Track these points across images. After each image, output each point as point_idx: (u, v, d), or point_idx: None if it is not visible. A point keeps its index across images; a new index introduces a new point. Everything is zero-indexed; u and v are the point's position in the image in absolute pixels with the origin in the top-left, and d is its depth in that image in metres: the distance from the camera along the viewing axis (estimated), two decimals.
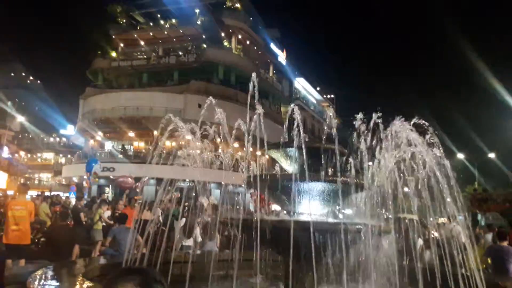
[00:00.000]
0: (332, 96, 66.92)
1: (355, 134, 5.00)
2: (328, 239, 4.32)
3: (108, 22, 40.75)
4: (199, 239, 8.93)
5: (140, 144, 36.88)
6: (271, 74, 46.31)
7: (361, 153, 4.95)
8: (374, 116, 4.89)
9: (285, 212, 5.99)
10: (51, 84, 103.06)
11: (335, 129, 5.33)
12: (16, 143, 53.19)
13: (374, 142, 5.08)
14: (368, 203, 5.00)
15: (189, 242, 8.99)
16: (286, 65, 48.11)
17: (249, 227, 4.44)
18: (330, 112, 58.54)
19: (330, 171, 4.98)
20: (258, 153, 5.98)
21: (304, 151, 4.64)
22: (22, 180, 44.12)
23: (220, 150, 6.89)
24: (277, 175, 5.30)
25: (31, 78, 79.15)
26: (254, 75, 5.88)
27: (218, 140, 6.37)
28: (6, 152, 43.88)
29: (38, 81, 78.59)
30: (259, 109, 5.27)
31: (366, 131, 4.93)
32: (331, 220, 5.25)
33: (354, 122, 5.04)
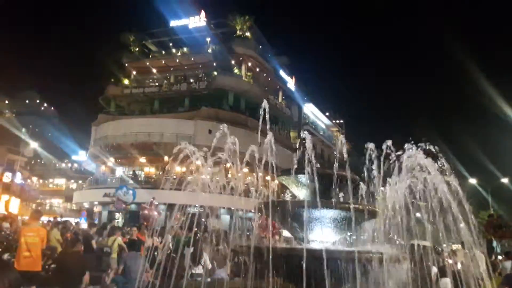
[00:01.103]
0: (341, 121, 67.03)
1: (366, 161, 5.01)
2: (340, 267, 4.26)
3: (121, 50, 41.91)
4: (209, 266, 8.84)
5: (151, 170, 37.10)
6: (280, 100, 46.75)
7: (373, 179, 4.94)
8: (385, 143, 4.91)
9: (295, 239, 5.94)
10: (65, 111, 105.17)
11: (346, 155, 5.34)
12: (28, 168, 53.87)
13: (385, 168, 5.07)
14: (381, 229, 4.95)
15: (199, 269, 8.88)
16: (295, 91, 48.61)
17: (260, 254, 4.41)
18: (340, 137, 58.46)
19: (341, 197, 4.96)
20: (268, 178, 5.99)
21: (315, 177, 4.65)
22: (34, 206, 44.41)
23: (230, 175, 6.92)
24: (287, 202, 5.29)
25: (45, 105, 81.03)
26: (264, 102, 5.96)
27: (228, 165, 6.42)
28: (19, 178, 44.42)
29: (52, 108, 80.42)
30: (270, 136, 5.32)
31: (377, 158, 4.93)
32: (343, 247, 5.19)
33: (366, 148, 5.05)
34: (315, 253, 4.34)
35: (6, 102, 73.39)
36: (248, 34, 40.33)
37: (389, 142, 4.98)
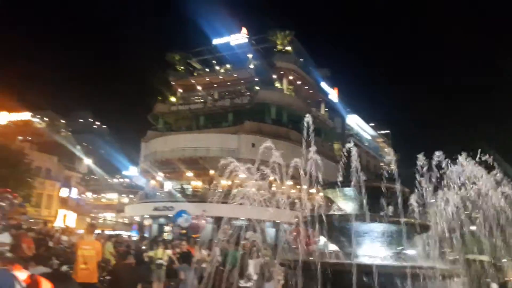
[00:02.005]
0: (387, 131, 65.17)
1: (417, 172, 4.87)
2: (392, 283, 4.14)
3: (168, 69, 43.62)
4: (254, 277, 8.84)
5: (197, 184, 37.92)
6: (322, 111, 46.43)
7: (424, 192, 4.79)
8: (436, 154, 4.75)
9: (343, 254, 5.84)
10: (116, 129, 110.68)
11: (395, 166, 5.20)
12: (83, 184, 56.89)
13: (437, 179, 4.90)
14: (433, 243, 4.76)
15: (247, 282, 8.91)
16: (338, 102, 48.08)
17: (309, 269, 4.38)
18: (387, 148, 56.72)
19: (391, 211, 4.84)
20: (312, 190, 5.96)
21: (363, 190, 4.58)
22: (89, 220, 46.67)
23: (274, 188, 6.95)
24: (334, 215, 5.23)
25: (97, 123, 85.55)
26: (308, 116, 5.96)
27: (272, 178, 6.46)
28: (75, 193, 47.08)
29: (104, 126, 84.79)
30: (313, 148, 5.32)
31: (427, 169, 4.79)
32: (395, 262, 5.04)
33: (416, 158, 4.91)
34: (365, 268, 4.26)
35: (63, 121, 78.44)
36: (288, 48, 40.62)
37: (440, 153, 4.82)
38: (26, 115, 69.85)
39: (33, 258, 6.78)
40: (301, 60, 42.55)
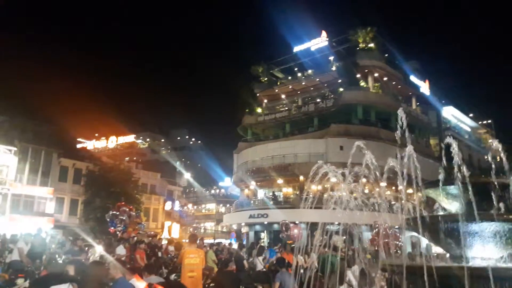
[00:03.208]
0: (489, 121, 58.61)
1: None
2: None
3: (252, 82, 45.10)
4: (354, 283, 8.61)
5: (288, 190, 38.29)
6: (414, 106, 43.77)
7: None
8: None
9: (448, 256, 5.41)
10: (210, 143, 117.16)
11: (504, 157, 4.70)
12: (184, 196, 61.05)
13: None
14: None
15: None
16: (430, 95, 44.81)
17: (413, 273, 4.17)
18: (491, 139, 51.04)
19: (502, 208, 4.39)
20: (410, 191, 5.63)
21: (469, 187, 4.23)
22: (191, 230, 49.82)
23: (366, 191, 6.73)
24: (439, 216, 4.89)
25: (193, 139, 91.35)
26: (400, 111, 5.66)
27: (364, 180, 6.26)
28: (177, 206, 50.76)
29: (199, 142, 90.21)
30: (410, 147, 5.06)
31: None
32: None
33: None
34: (478, 271, 3.91)
35: (162, 140, 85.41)
36: (371, 45, 39.21)
37: None
38: (130, 138, 77.62)
39: (145, 268, 7.45)
40: (386, 55, 40.74)
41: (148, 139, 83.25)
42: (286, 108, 43.19)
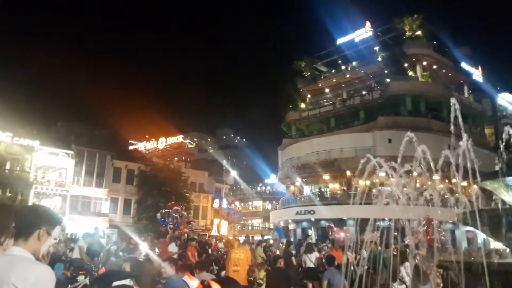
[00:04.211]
0: None
1: None
2: None
3: (295, 77, 44.76)
4: (407, 279, 8.33)
5: (334, 186, 37.71)
6: (466, 94, 41.48)
7: None
8: None
9: (510, 252, 5.07)
10: (254, 141, 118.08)
11: None
12: (231, 194, 61.97)
13: None
14: None
15: (401, 286, 8.45)
16: (484, 82, 42.15)
17: (471, 270, 3.96)
18: None
19: None
20: (464, 183, 5.34)
21: None
22: (239, 227, 50.54)
23: (418, 185, 6.47)
24: (501, 210, 4.61)
25: (238, 137, 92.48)
26: (453, 100, 5.38)
27: (415, 174, 6.01)
28: (225, 203, 51.65)
29: (244, 140, 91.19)
30: (465, 137, 4.80)
31: None
32: None
33: None
34: None
35: (209, 140, 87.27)
36: (418, 32, 37.58)
37: None
38: (178, 138, 80.00)
39: (196, 265, 7.67)
40: (435, 42, 38.87)
41: (195, 139, 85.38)
42: (330, 102, 42.48)
